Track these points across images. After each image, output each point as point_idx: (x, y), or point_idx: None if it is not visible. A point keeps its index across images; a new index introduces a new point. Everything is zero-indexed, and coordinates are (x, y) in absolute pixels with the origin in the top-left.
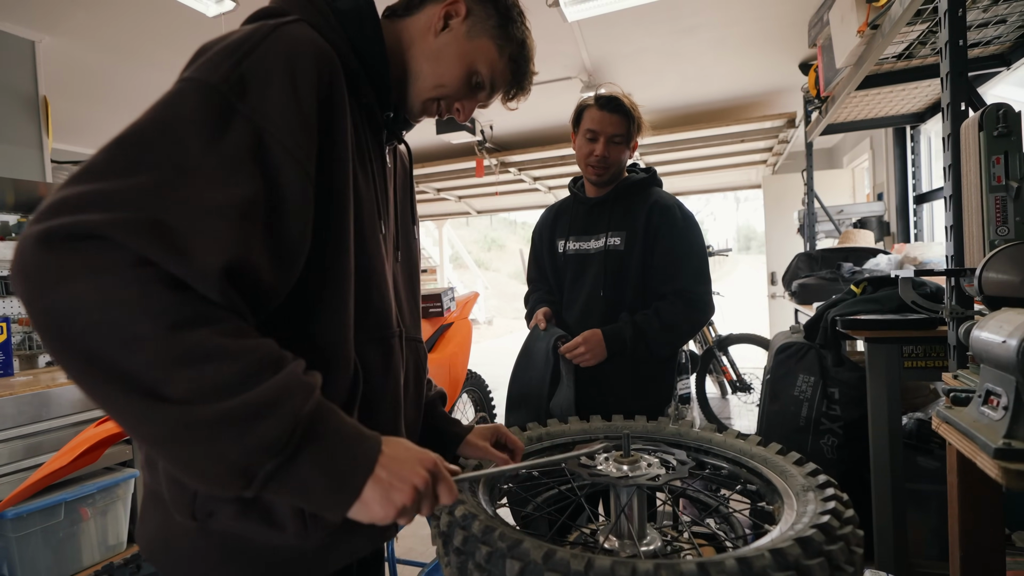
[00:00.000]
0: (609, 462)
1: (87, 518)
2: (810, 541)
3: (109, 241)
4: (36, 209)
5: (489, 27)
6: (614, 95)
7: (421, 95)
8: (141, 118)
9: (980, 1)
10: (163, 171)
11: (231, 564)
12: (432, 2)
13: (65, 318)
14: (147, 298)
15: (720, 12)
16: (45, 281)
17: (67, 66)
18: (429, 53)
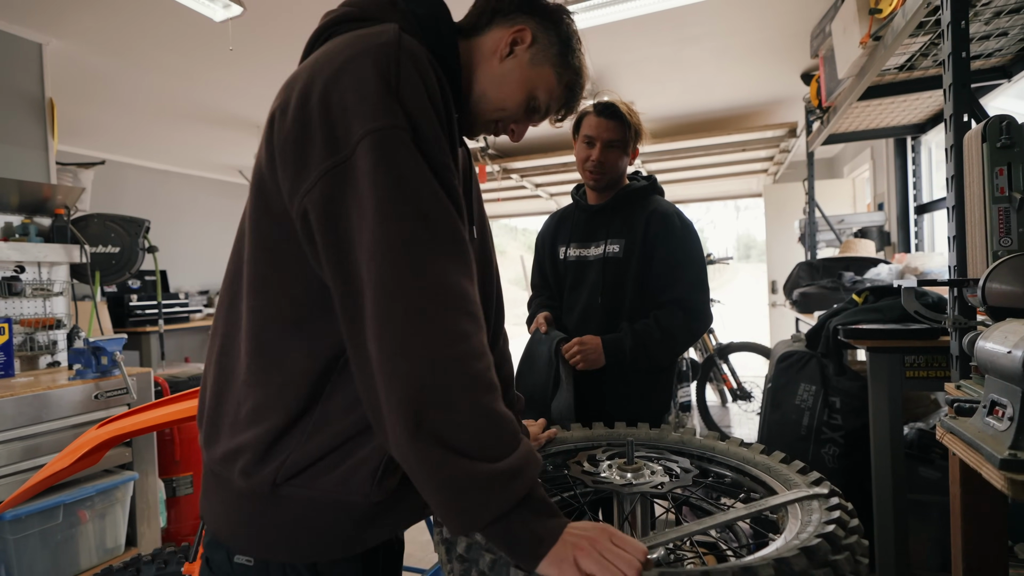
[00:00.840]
0: (613, 469)
1: (85, 521)
2: (816, 551)
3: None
4: None
5: (551, 55)
6: (611, 101)
7: (483, 116)
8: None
9: (982, 14)
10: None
11: (292, 531)
12: (498, 25)
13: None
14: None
15: (723, 22)
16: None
17: (74, 69)
18: (493, 77)
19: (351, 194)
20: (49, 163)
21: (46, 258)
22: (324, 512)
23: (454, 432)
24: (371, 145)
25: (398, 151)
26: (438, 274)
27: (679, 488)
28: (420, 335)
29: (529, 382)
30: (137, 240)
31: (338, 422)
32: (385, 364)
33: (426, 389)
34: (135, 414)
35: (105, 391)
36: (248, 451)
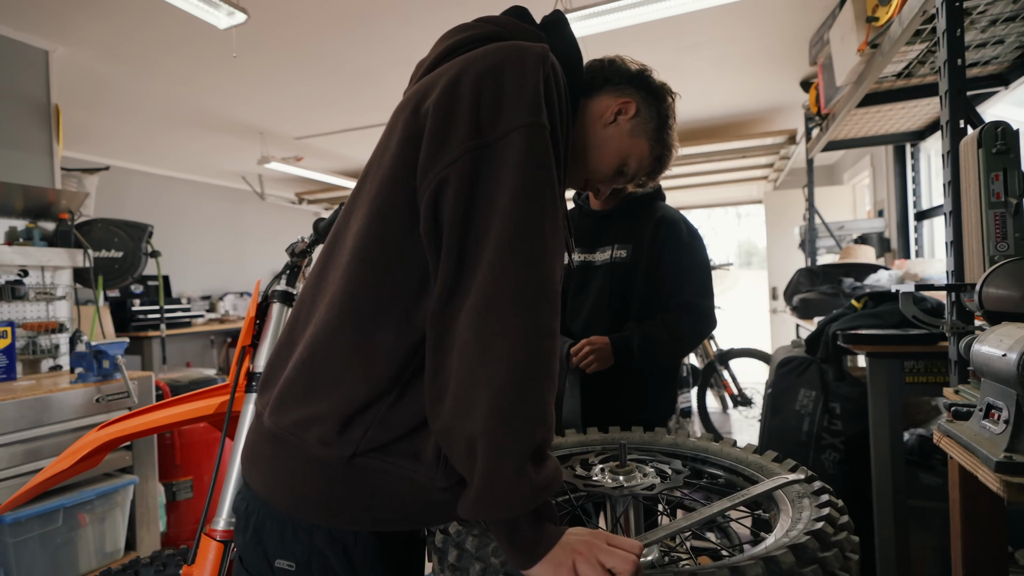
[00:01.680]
0: (605, 473)
1: (85, 524)
2: (804, 548)
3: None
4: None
5: (649, 129)
6: None
7: (576, 175)
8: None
9: (978, 22)
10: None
11: (362, 498)
12: (607, 93)
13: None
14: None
15: (721, 30)
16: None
17: (79, 75)
18: (594, 139)
19: (492, 177)
20: (54, 168)
21: (49, 262)
22: (394, 485)
23: (525, 426)
24: (524, 136)
25: (545, 150)
26: (547, 270)
27: (672, 489)
28: (522, 324)
29: None
30: (140, 245)
31: (416, 402)
32: (478, 343)
33: (517, 374)
34: (135, 416)
35: (106, 395)
36: (327, 421)
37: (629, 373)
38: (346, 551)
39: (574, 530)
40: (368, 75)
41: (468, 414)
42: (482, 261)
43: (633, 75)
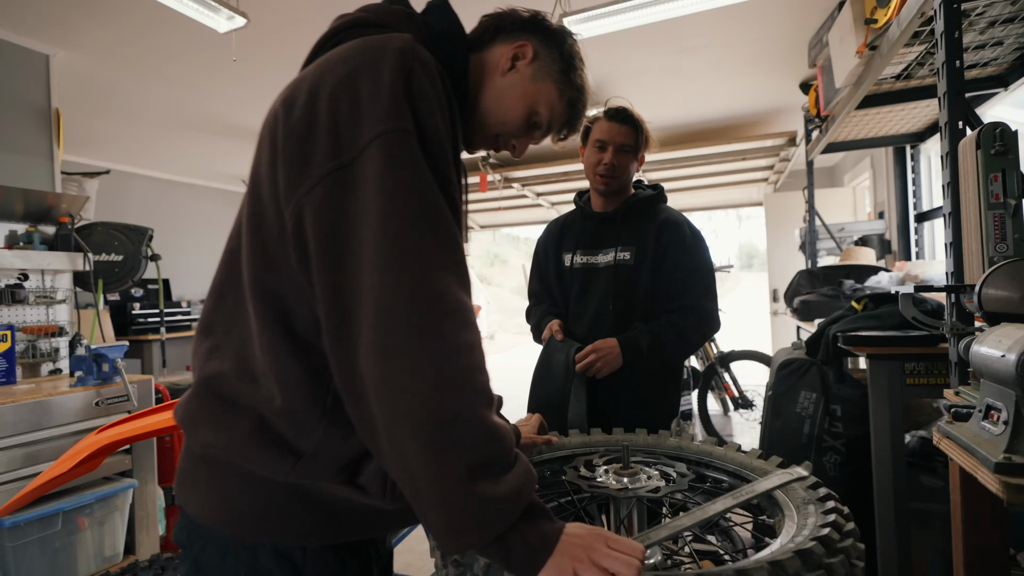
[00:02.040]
0: (609, 474)
1: (84, 528)
2: (810, 554)
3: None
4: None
5: (553, 72)
6: (623, 107)
7: (483, 130)
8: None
9: (977, 23)
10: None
11: (302, 515)
12: (501, 42)
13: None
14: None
15: (721, 33)
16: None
17: (80, 80)
18: (495, 91)
19: (354, 200)
20: (54, 172)
21: (49, 266)
22: (340, 505)
23: (459, 450)
24: (381, 147)
25: (407, 155)
26: (441, 285)
27: (676, 492)
28: (425, 348)
29: (547, 390)
30: (140, 248)
31: (342, 433)
32: (386, 380)
33: (432, 403)
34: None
35: (106, 398)
36: (248, 442)
37: (633, 375)
38: (295, 567)
39: (572, 528)
40: None
41: (401, 455)
42: (364, 292)
43: (526, 21)
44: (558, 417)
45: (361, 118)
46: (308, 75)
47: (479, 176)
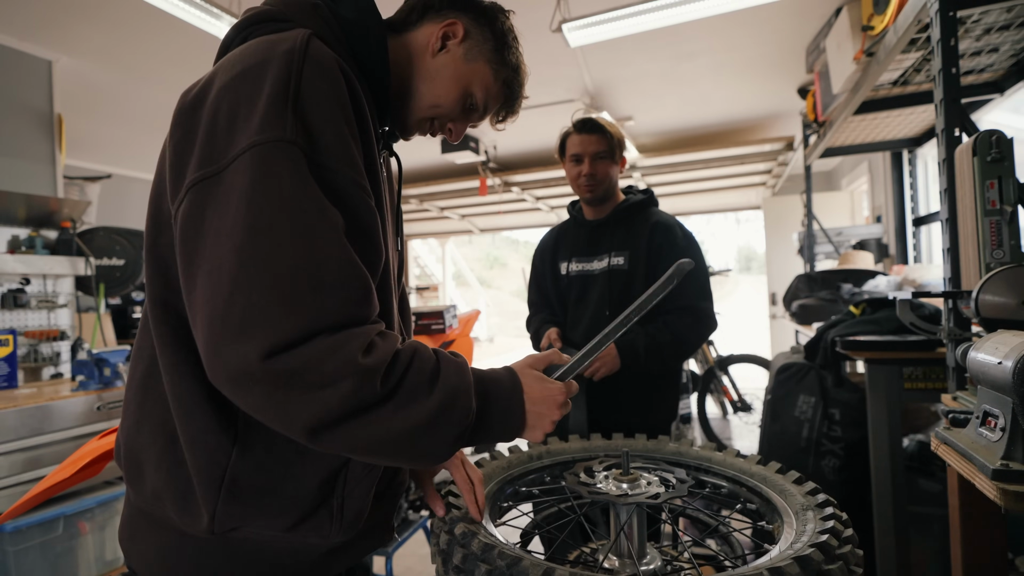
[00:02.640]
0: (609, 480)
1: (85, 532)
2: (808, 560)
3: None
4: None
5: (486, 51)
6: (588, 117)
7: (416, 114)
8: (256, 206)
9: (973, 30)
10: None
11: (240, 571)
12: (430, 21)
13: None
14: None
15: (719, 39)
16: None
17: (82, 85)
18: (426, 73)
19: (213, 212)
20: (56, 177)
21: (51, 270)
22: (275, 552)
23: (351, 406)
24: (251, 160)
25: (282, 168)
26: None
27: (675, 499)
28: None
29: None
30: (141, 252)
31: (263, 462)
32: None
33: (295, 378)
34: None
35: (107, 402)
36: (166, 495)
37: (632, 379)
38: None
39: (525, 379)
40: None
41: (308, 442)
42: (196, 309)
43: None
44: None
45: (238, 127)
46: (203, 79)
47: (479, 180)
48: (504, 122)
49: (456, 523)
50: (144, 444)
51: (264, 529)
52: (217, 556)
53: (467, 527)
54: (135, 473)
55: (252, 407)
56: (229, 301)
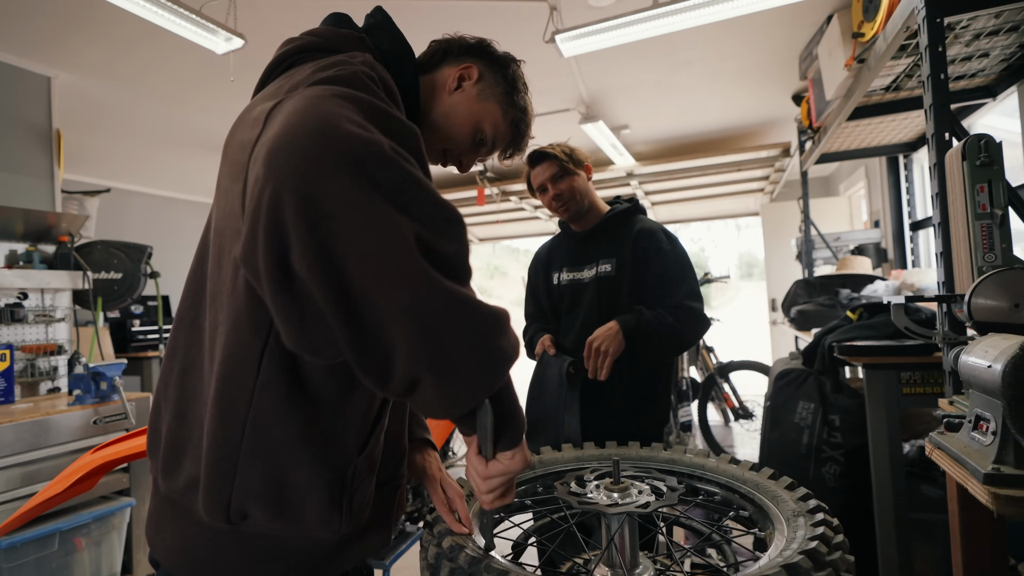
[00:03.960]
0: (600, 490)
1: (81, 548)
2: (797, 568)
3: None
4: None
5: (497, 93)
6: (532, 151)
7: (432, 145)
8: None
9: (962, 36)
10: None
11: (256, 565)
12: (449, 64)
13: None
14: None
15: (713, 47)
16: None
17: (81, 100)
18: (442, 109)
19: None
20: (55, 192)
21: (49, 285)
22: (288, 548)
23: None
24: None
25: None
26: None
27: (666, 507)
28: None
29: (541, 405)
30: (139, 266)
31: (270, 459)
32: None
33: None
34: (130, 439)
35: (104, 416)
36: (197, 486)
37: (623, 384)
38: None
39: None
40: None
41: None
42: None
43: (472, 46)
44: (553, 430)
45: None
46: (273, 127)
47: (477, 190)
48: (511, 159)
49: (444, 536)
50: (187, 435)
51: (275, 521)
52: (233, 549)
53: (455, 540)
54: (173, 464)
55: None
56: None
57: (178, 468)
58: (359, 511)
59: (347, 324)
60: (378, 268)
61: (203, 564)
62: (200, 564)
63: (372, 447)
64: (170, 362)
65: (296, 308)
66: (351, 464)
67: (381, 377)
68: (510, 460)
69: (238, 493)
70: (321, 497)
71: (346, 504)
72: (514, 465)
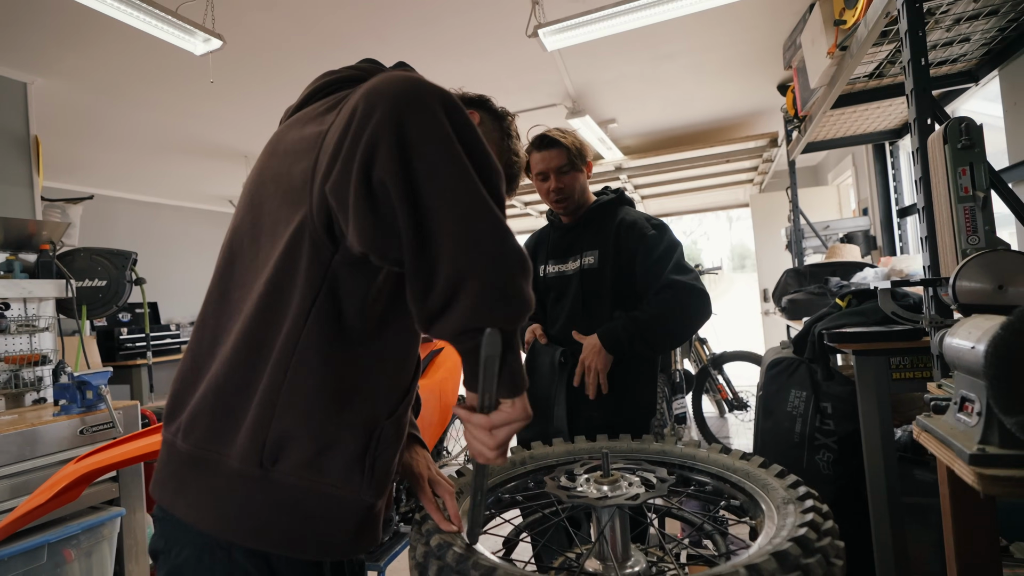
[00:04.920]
0: (590, 483)
1: (71, 560)
2: (786, 555)
3: None
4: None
5: (494, 138)
6: (544, 133)
7: None
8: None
9: (943, 21)
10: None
11: (282, 514)
12: None
13: None
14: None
15: (696, 39)
16: None
17: (58, 106)
18: None
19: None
20: (35, 200)
21: (31, 294)
22: (311, 500)
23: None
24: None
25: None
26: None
27: (656, 499)
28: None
29: (532, 393)
30: (124, 273)
31: (307, 402)
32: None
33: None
34: (116, 446)
35: (91, 426)
36: (235, 434)
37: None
38: (269, 565)
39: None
40: None
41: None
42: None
43: (474, 99)
44: (544, 419)
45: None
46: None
47: None
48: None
49: (432, 534)
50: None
51: (302, 469)
52: (259, 498)
53: (443, 538)
54: (192, 422)
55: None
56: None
57: (209, 423)
58: (381, 477)
59: (412, 227)
60: (445, 186)
61: (231, 512)
62: (229, 513)
63: (400, 415)
64: (200, 333)
65: (372, 212)
66: (379, 426)
67: (426, 285)
68: (511, 408)
69: (273, 434)
70: (347, 452)
71: (368, 465)
72: (516, 413)
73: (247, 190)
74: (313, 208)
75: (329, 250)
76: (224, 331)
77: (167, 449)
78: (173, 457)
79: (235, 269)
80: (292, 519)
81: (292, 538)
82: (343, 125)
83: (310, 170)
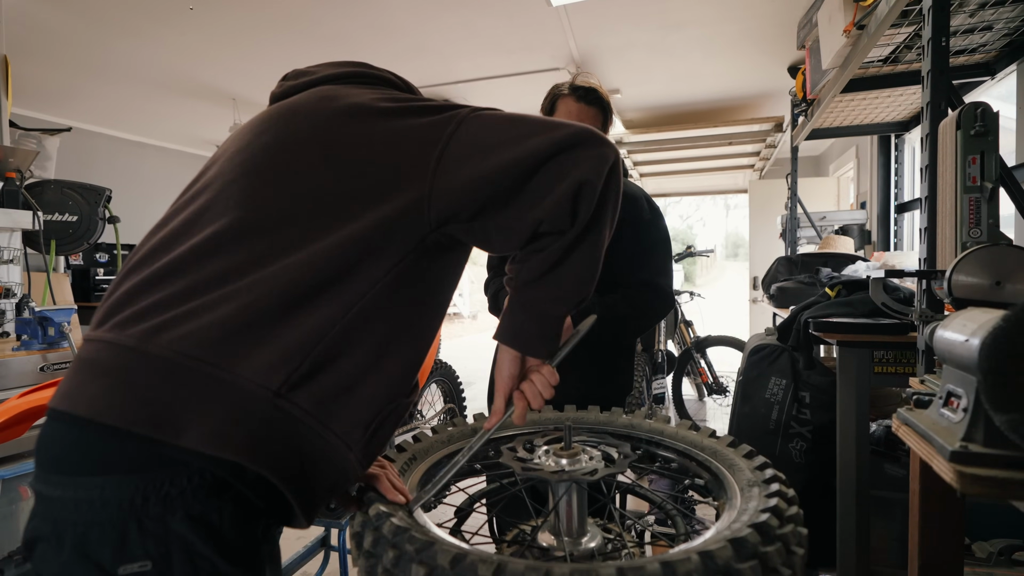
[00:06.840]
0: (549, 455)
1: (27, 497)
2: (744, 542)
3: None
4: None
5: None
6: (592, 86)
7: None
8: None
9: (967, 4)
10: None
11: (284, 445)
12: None
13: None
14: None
15: (709, 8)
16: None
17: (31, 26)
18: None
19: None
20: (2, 124)
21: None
22: (314, 448)
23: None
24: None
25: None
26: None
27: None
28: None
29: None
30: (97, 209)
31: (352, 347)
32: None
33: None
34: None
35: (52, 364)
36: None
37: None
38: (211, 530)
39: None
40: (344, 41)
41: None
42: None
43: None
44: None
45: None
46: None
47: None
48: None
49: (372, 503)
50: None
51: (314, 405)
52: (266, 429)
53: (383, 508)
54: (231, 337)
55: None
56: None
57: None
58: (373, 450)
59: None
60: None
61: (239, 439)
62: (237, 439)
63: (411, 400)
64: (178, 236)
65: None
66: (394, 400)
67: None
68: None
69: (308, 363)
70: (360, 408)
71: (371, 432)
72: (557, 378)
73: (269, 123)
74: (431, 195)
75: (430, 228)
76: (250, 247)
77: (120, 354)
78: (138, 365)
79: (272, 195)
80: (284, 448)
81: (283, 465)
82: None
83: (433, 159)
